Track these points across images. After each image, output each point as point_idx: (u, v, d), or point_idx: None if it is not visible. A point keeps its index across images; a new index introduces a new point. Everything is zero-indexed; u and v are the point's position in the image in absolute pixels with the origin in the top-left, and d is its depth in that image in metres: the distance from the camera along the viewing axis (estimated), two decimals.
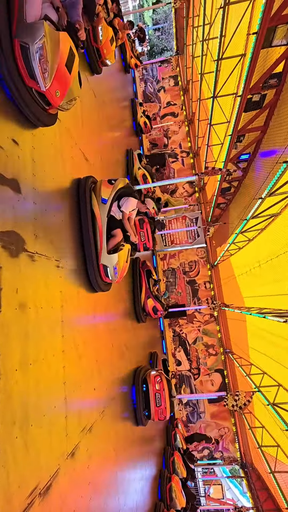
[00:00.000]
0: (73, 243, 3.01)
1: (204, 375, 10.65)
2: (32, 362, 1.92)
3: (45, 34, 1.93)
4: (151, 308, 6.67)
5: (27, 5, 1.90)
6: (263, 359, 6.81)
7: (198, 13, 9.37)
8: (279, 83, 4.21)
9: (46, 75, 2.00)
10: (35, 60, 1.92)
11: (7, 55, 1.90)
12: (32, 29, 1.91)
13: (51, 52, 2.02)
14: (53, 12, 2.25)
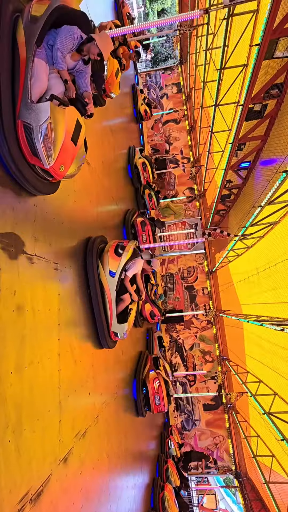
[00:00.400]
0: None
1: (200, 382, 10.58)
2: (27, 365, 1.91)
3: (50, 115, 1.85)
4: (149, 313, 6.65)
5: (32, 81, 1.85)
6: (260, 367, 6.78)
7: (202, 23, 9.53)
8: (280, 94, 4.27)
9: (50, 153, 1.93)
10: (39, 141, 1.84)
11: (8, 134, 1.81)
12: (37, 110, 1.83)
13: (56, 131, 1.93)
14: (60, 83, 2.18)
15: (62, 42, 2.09)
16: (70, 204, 3.11)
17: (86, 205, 3.74)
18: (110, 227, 5.25)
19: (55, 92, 2.09)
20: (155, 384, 5.52)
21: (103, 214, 4.64)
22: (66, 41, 2.10)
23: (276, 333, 4.64)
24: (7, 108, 1.80)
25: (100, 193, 4.56)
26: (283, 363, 5.33)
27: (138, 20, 22.27)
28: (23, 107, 1.84)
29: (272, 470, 5.97)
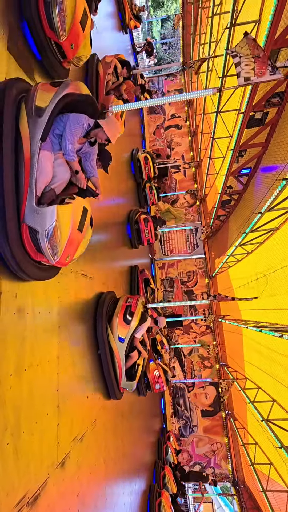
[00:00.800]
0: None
1: (198, 387, 10.53)
2: (27, 368, 1.92)
3: (56, 219, 1.80)
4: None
5: (38, 174, 1.78)
6: (258, 374, 6.76)
7: (205, 31, 9.68)
8: (281, 102, 4.34)
9: (56, 251, 1.88)
10: (45, 242, 1.80)
11: (12, 238, 1.73)
12: (43, 215, 1.76)
13: (62, 229, 1.88)
14: (66, 170, 2.09)
15: (72, 133, 2.02)
16: None
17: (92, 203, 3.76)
18: (115, 224, 5.33)
19: (61, 179, 2.04)
20: (155, 374, 6.13)
21: (107, 213, 4.68)
22: (75, 131, 2.04)
23: (275, 339, 4.64)
24: (12, 210, 1.73)
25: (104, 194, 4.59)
26: (281, 369, 5.32)
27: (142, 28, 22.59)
28: (28, 210, 1.78)
29: (270, 478, 5.92)
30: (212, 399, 10.30)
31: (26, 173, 1.80)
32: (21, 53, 2.19)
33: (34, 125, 1.81)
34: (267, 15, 4.02)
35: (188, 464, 9.86)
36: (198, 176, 12.96)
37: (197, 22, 11.28)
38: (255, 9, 4.85)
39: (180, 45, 14.50)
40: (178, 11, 16.63)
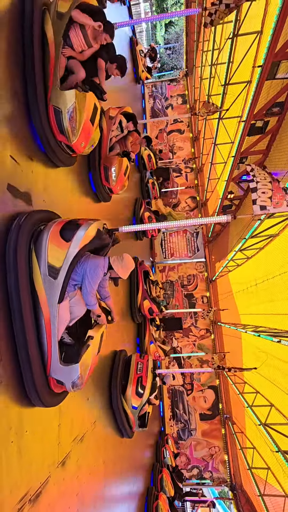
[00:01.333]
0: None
1: (197, 391, 10.54)
2: None
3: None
4: (147, 310, 6.80)
5: (58, 324, 1.84)
6: (257, 378, 6.80)
7: (208, 39, 9.81)
8: (282, 112, 4.42)
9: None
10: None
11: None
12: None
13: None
14: (81, 306, 2.18)
15: (91, 285, 2.09)
16: (75, 213, 3.22)
17: (91, 215, 3.85)
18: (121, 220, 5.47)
19: (78, 316, 2.19)
20: (156, 355, 7.07)
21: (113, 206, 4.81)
22: (94, 283, 2.11)
23: (274, 344, 4.69)
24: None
25: None
26: (280, 374, 5.37)
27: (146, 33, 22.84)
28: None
29: (267, 482, 5.94)
30: (211, 402, 10.32)
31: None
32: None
33: (50, 288, 1.81)
34: (269, 27, 4.13)
35: (186, 467, 9.87)
36: (200, 180, 13.06)
37: (200, 30, 11.43)
38: (257, 20, 4.96)
39: (183, 50, 14.67)
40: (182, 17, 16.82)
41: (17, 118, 2.05)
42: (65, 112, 2.19)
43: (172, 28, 29.84)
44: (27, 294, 1.76)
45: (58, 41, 2.18)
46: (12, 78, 2.00)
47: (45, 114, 2.19)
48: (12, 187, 1.93)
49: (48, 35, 2.18)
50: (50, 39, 2.18)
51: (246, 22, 5.25)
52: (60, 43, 2.20)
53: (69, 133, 2.27)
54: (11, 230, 1.77)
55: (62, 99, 2.19)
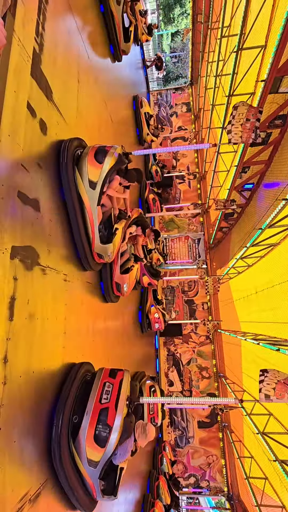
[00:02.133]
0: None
1: (196, 397, 10.51)
2: (34, 370, 2.04)
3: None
4: (146, 284, 7.51)
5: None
6: (256, 386, 6.77)
7: (214, 50, 10.02)
8: (284, 124, 4.52)
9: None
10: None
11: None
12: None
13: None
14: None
15: (122, 458, 2.44)
16: None
17: None
18: None
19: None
20: (155, 316, 7.64)
21: None
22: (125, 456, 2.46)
23: (273, 352, 4.71)
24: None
25: None
26: None
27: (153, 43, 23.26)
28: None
29: (265, 493, 5.90)
30: (210, 410, 10.26)
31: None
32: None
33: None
34: (272, 42, 4.25)
35: (183, 475, 9.77)
36: (202, 188, 13.19)
37: (206, 40, 11.67)
38: (262, 35, 5.10)
39: (189, 60, 14.93)
40: (188, 26, 17.17)
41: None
42: (106, 256, 3.09)
43: (178, 37, 30.36)
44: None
45: (93, 207, 2.77)
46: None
47: (91, 256, 3.00)
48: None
49: (84, 202, 2.74)
50: (87, 205, 2.75)
51: (251, 36, 5.40)
52: (95, 208, 2.77)
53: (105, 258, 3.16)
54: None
55: (103, 249, 3.03)
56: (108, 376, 2.67)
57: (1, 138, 1.77)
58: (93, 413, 2.37)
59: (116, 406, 2.42)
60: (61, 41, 2.80)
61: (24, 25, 2.04)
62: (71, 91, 3.08)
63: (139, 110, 8.76)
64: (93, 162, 2.74)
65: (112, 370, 2.76)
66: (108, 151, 2.80)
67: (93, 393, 2.51)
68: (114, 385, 2.58)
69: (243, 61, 5.91)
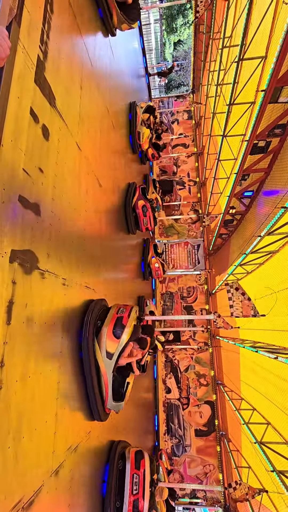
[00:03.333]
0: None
1: (193, 405, 10.39)
2: (31, 375, 2.03)
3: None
4: (141, 207, 7.03)
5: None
6: (254, 395, 6.73)
7: (215, 59, 10.19)
8: (283, 133, 4.58)
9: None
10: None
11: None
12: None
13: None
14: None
15: None
16: (80, 223, 3.32)
17: (95, 223, 3.95)
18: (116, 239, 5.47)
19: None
20: (156, 266, 8.26)
21: (109, 231, 4.86)
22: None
23: (272, 360, 4.69)
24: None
25: (108, 209, 4.80)
26: (277, 392, 5.33)
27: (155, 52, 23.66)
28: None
29: (262, 504, 5.80)
30: (207, 418, 10.14)
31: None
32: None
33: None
34: (273, 53, 4.32)
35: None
36: (202, 194, 13.26)
37: (207, 50, 11.87)
38: (262, 45, 5.19)
39: (191, 69, 15.16)
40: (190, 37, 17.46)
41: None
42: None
43: (181, 47, 30.89)
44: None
45: (109, 373, 3.06)
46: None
47: (103, 410, 3.25)
48: None
49: (101, 368, 3.03)
50: (103, 371, 3.04)
51: (252, 47, 5.49)
52: (111, 374, 3.07)
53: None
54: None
55: (116, 406, 3.33)
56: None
57: (3, 143, 1.79)
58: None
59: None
60: (65, 49, 2.85)
61: (29, 34, 2.08)
62: (74, 98, 3.12)
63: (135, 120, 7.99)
64: (111, 337, 3.20)
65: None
66: (125, 326, 3.27)
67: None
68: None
69: (244, 70, 6.01)
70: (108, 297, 4.54)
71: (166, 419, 10.40)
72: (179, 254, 12.45)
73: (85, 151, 3.48)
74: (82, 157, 3.40)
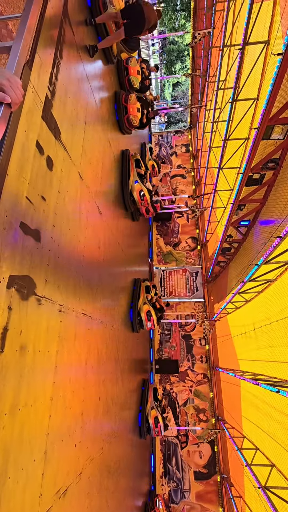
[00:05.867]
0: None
1: (192, 444, 9.74)
2: (21, 407, 1.93)
3: None
4: (138, 192, 6.97)
5: None
6: (257, 432, 6.34)
7: (211, 99, 10.96)
8: (276, 167, 4.81)
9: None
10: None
11: None
12: None
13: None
14: None
15: None
16: (79, 249, 3.35)
17: (94, 249, 3.99)
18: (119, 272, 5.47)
19: None
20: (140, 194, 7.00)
21: (108, 257, 4.88)
22: None
23: (274, 394, 4.49)
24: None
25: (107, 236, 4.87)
26: (281, 429, 5.03)
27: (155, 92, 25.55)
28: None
29: None
30: (207, 459, 9.47)
31: None
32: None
33: None
34: (264, 95, 4.68)
35: None
36: (200, 222, 13.55)
37: (204, 91, 12.82)
38: (254, 88, 5.63)
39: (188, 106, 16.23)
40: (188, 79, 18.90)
41: None
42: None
43: (179, 87, 33.33)
44: None
45: None
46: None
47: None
48: None
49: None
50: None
51: (245, 89, 5.95)
52: None
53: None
54: None
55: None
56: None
57: (8, 173, 1.86)
58: None
59: None
60: (72, 89, 3.07)
61: (39, 76, 2.26)
62: (78, 132, 3.31)
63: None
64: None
65: None
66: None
67: None
68: None
69: (238, 109, 6.46)
70: (105, 323, 4.46)
71: (163, 459, 9.70)
72: (177, 281, 12.42)
73: (86, 180, 3.61)
74: (84, 185, 3.52)
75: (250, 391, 6.39)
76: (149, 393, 7.82)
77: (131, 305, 7.00)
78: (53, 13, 2.55)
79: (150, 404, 7.53)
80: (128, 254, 6.97)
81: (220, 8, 8.72)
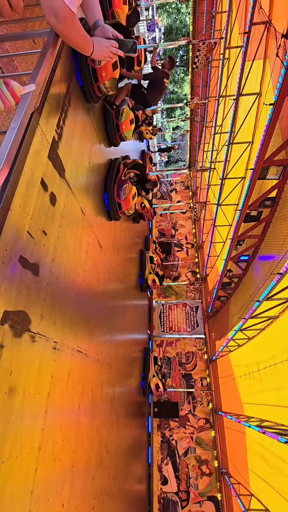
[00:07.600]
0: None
1: (193, 502, 8.73)
2: (5, 460, 1.74)
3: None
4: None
5: None
6: (266, 488, 5.69)
7: (208, 142, 11.69)
8: (273, 205, 4.96)
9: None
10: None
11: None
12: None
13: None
14: None
15: None
16: (78, 283, 3.30)
17: (93, 284, 3.94)
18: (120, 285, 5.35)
19: None
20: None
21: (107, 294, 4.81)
22: None
23: (282, 445, 4.11)
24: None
25: (106, 269, 4.84)
26: None
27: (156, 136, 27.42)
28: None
29: None
30: None
31: None
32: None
33: None
34: (258, 138, 4.99)
35: None
36: (200, 256, 13.64)
37: (202, 134, 13.75)
38: (249, 132, 6.04)
39: (187, 148, 17.29)
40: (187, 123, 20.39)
41: None
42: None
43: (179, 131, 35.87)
44: None
45: None
46: None
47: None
48: None
49: None
50: None
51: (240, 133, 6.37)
52: None
53: None
54: None
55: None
56: None
57: (11, 208, 1.90)
58: None
59: None
60: (78, 132, 3.27)
61: (48, 121, 2.41)
62: (82, 170, 3.46)
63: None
64: None
65: None
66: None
67: None
68: None
69: (234, 150, 6.85)
70: (101, 362, 4.25)
71: None
72: (177, 316, 12.14)
73: (88, 215, 3.69)
74: (85, 220, 3.59)
75: (257, 440, 5.87)
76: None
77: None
78: (59, 76, 2.81)
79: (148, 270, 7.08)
80: (128, 287, 6.89)
81: (215, 65, 9.69)
